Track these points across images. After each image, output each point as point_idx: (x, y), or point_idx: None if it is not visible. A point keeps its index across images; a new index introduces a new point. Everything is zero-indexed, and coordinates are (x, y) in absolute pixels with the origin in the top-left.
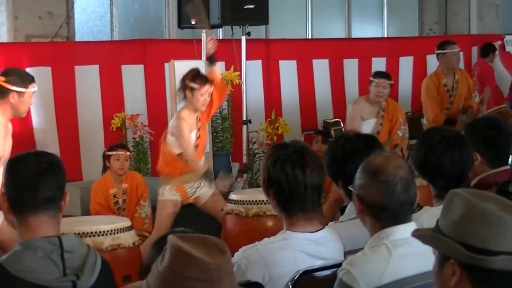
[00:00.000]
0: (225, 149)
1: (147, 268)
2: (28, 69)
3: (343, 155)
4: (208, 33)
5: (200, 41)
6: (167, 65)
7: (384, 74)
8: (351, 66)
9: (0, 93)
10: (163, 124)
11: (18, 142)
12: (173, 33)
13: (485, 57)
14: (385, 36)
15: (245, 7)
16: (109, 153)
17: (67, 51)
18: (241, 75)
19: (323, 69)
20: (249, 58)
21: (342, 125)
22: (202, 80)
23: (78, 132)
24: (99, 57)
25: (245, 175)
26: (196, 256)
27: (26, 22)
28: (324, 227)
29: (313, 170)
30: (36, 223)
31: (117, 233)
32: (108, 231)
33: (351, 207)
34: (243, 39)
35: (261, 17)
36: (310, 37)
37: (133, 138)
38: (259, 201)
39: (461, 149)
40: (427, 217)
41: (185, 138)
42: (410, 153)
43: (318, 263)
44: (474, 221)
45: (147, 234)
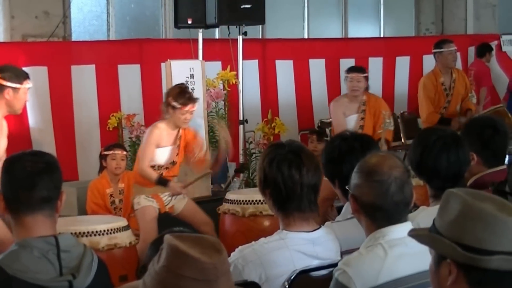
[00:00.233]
0: None
1: (143, 267)
2: (24, 69)
3: (339, 155)
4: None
5: (196, 41)
6: (163, 65)
7: (356, 68)
8: (348, 66)
9: None
10: None
11: (14, 141)
12: (169, 33)
13: (482, 57)
14: (382, 36)
15: (242, 7)
16: (106, 152)
17: (64, 51)
18: (237, 75)
19: (320, 69)
20: (245, 57)
21: None
22: (184, 99)
23: (74, 131)
24: (95, 57)
25: (242, 175)
26: (192, 255)
27: (22, 21)
28: (320, 227)
29: (310, 169)
30: (32, 222)
31: (114, 232)
32: (104, 230)
33: (348, 207)
34: (240, 38)
35: (258, 16)
36: (306, 37)
37: (130, 137)
38: (256, 201)
39: (458, 149)
40: (423, 217)
41: (149, 145)
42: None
43: (314, 263)
44: (470, 221)
45: None
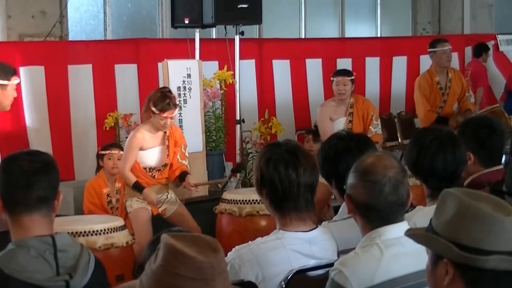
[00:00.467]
0: (218, 148)
1: (140, 267)
2: (21, 68)
3: (336, 154)
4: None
5: (193, 40)
6: (160, 65)
7: (343, 71)
8: (345, 66)
9: None
10: None
11: (11, 141)
12: (166, 33)
13: (478, 57)
14: (379, 36)
15: (239, 7)
16: (103, 152)
17: (60, 51)
18: (234, 75)
19: (316, 69)
20: (242, 57)
21: None
22: (163, 105)
23: (70, 131)
24: (92, 57)
25: (238, 175)
26: (189, 254)
27: (19, 21)
28: (317, 227)
29: (306, 169)
30: (29, 222)
31: (111, 232)
32: (101, 230)
33: (345, 207)
34: (237, 38)
35: (255, 16)
36: (303, 37)
37: (126, 137)
38: (252, 200)
39: (454, 148)
40: (420, 216)
41: (130, 149)
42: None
43: (311, 263)
44: (467, 221)
45: None
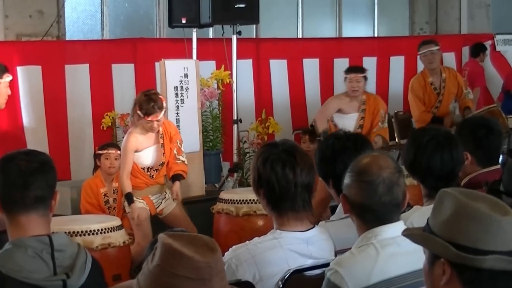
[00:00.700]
0: (215, 148)
1: (138, 267)
2: (18, 68)
3: (333, 154)
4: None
5: (190, 40)
6: (157, 64)
7: (355, 68)
8: (342, 65)
9: None
10: None
11: (9, 141)
12: (163, 32)
13: (476, 56)
14: (376, 35)
15: (236, 6)
16: (100, 152)
17: (58, 50)
18: (231, 74)
19: (314, 69)
20: (239, 57)
21: None
22: (147, 109)
23: (67, 131)
24: (89, 56)
25: (236, 174)
26: (186, 254)
27: (16, 20)
28: (314, 226)
29: (303, 169)
30: (26, 222)
31: (108, 232)
32: (98, 230)
33: (342, 207)
34: (234, 38)
35: (252, 16)
36: (300, 37)
37: (123, 137)
38: (250, 200)
39: (451, 148)
40: (417, 216)
41: (126, 154)
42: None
43: (308, 262)
44: (464, 220)
45: None
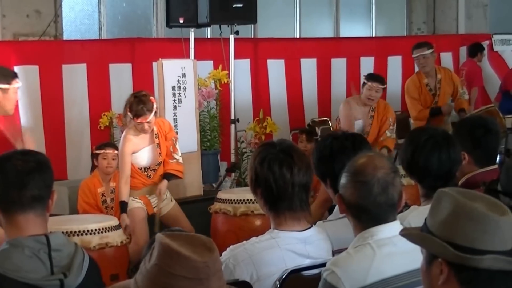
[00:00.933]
0: (213, 148)
1: (135, 267)
2: (15, 68)
3: (331, 154)
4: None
5: (188, 40)
6: (155, 64)
7: (378, 78)
8: (339, 65)
9: None
10: None
11: (6, 140)
12: (161, 32)
13: (473, 56)
14: (374, 35)
15: (234, 6)
16: (97, 151)
17: (55, 50)
18: (229, 74)
19: (311, 69)
20: (237, 57)
21: (330, 124)
22: (137, 111)
23: (64, 130)
24: (87, 56)
25: (233, 174)
26: (184, 254)
27: (13, 20)
28: (311, 226)
29: (301, 169)
30: (23, 221)
31: (105, 232)
32: (96, 230)
33: None
34: (231, 38)
35: (250, 16)
36: (298, 36)
37: (121, 137)
38: (247, 200)
39: (449, 148)
40: (414, 216)
41: (124, 157)
42: (398, 153)
43: (306, 262)
44: (462, 220)
45: None
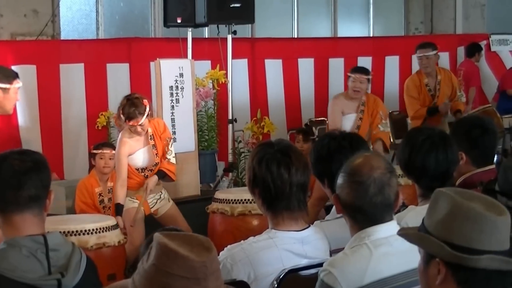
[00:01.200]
0: (210, 148)
1: (132, 266)
2: (13, 67)
3: (328, 153)
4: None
5: (185, 40)
6: (152, 64)
7: (361, 69)
8: (337, 65)
9: None
10: None
11: (3, 140)
12: (158, 32)
13: (471, 56)
14: (371, 35)
15: (231, 6)
16: (95, 151)
17: (52, 50)
18: (226, 74)
19: (309, 68)
20: (235, 57)
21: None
22: (129, 114)
23: (61, 130)
24: (84, 56)
25: (231, 174)
26: (182, 253)
27: (11, 20)
28: (309, 226)
29: (298, 168)
30: (20, 221)
31: (103, 231)
32: (93, 229)
33: None
34: (229, 37)
35: (247, 16)
36: (296, 36)
37: (118, 137)
38: (245, 200)
39: (446, 148)
40: (412, 216)
41: (120, 160)
42: (395, 153)
43: (303, 262)
44: (459, 220)
45: None
